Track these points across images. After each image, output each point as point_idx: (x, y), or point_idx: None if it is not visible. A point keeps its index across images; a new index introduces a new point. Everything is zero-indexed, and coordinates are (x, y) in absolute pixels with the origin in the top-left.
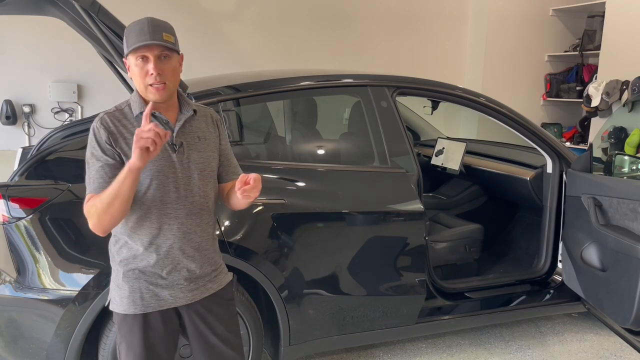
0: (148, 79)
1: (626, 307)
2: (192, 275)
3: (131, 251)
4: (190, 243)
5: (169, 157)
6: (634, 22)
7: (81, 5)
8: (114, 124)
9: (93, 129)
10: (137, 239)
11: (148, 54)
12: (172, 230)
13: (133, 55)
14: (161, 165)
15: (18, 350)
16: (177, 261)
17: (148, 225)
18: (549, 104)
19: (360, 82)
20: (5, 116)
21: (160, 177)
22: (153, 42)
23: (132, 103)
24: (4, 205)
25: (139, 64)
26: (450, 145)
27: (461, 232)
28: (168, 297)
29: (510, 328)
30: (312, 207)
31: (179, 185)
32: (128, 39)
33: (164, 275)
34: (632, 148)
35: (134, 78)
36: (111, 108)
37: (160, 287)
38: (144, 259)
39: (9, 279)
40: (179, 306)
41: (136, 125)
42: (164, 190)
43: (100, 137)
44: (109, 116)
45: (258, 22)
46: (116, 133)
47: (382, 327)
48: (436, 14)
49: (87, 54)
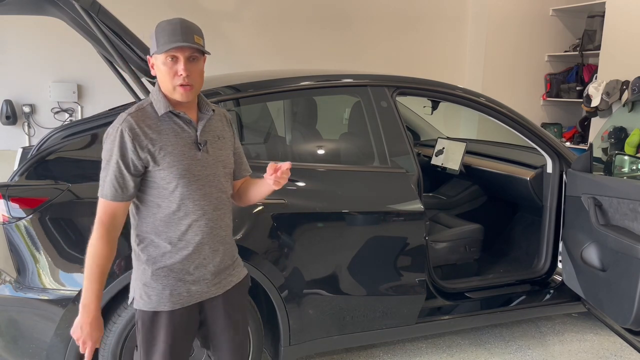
0: (177, 79)
1: (626, 307)
2: (217, 269)
3: (158, 249)
4: (216, 237)
5: (195, 155)
6: (634, 22)
7: (81, 5)
8: (138, 125)
9: (119, 131)
10: (165, 237)
11: (179, 54)
12: (200, 226)
13: (163, 54)
14: (188, 164)
15: (18, 350)
16: (204, 256)
17: (176, 222)
18: (549, 104)
19: (360, 82)
20: (5, 116)
21: (188, 176)
22: (186, 43)
23: (154, 102)
24: (4, 205)
25: (168, 64)
26: (450, 145)
27: (461, 232)
28: (195, 292)
29: (510, 328)
30: (312, 207)
31: (205, 182)
32: (159, 38)
33: (191, 271)
34: (632, 148)
35: (160, 77)
36: (132, 108)
37: (188, 283)
38: (172, 257)
39: (9, 279)
40: (203, 300)
41: (160, 125)
42: (191, 188)
43: (124, 142)
44: (133, 116)
45: (258, 22)
46: (141, 135)
47: (382, 327)
48: (436, 14)
49: (87, 54)
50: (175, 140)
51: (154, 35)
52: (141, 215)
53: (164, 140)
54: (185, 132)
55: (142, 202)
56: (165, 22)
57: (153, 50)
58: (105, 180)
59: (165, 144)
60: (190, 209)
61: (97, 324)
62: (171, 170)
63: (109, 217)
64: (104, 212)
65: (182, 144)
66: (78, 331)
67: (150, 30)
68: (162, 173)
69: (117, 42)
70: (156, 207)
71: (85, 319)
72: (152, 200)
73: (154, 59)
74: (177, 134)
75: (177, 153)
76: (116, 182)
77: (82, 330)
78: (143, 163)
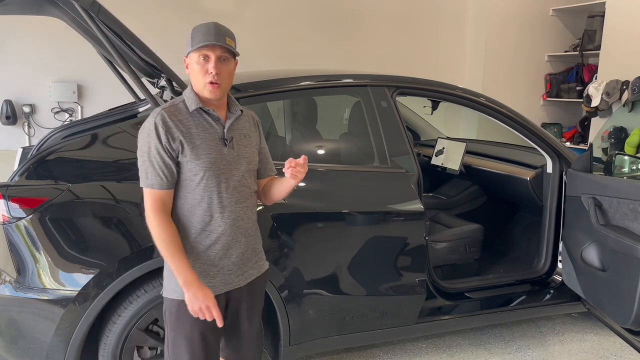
0: (207, 77)
1: (626, 307)
2: (240, 260)
3: (184, 239)
4: (239, 229)
5: (221, 150)
6: (634, 22)
7: (81, 5)
8: (170, 118)
9: (153, 124)
10: (190, 227)
11: (210, 53)
12: (223, 218)
13: (196, 53)
14: (214, 158)
15: (18, 350)
16: (228, 247)
17: (201, 213)
18: (549, 104)
19: (360, 82)
20: (5, 116)
21: (213, 169)
22: (217, 43)
23: (186, 99)
24: (4, 205)
25: (201, 62)
26: (450, 145)
27: (461, 232)
28: (218, 283)
29: (510, 328)
30: (312, 207)
31: (229, 176)
32: (193, 39)
33: (215, 262)
34: (632, 148)
35: (192, 75)
36: (167, 103)
37: (212, 273)
38: (197, 247)
39: (9, 279)
40: (227, 291)
41: (190, 120)
42: (216, 180)
43: (160, 134)
44: (166, 111)
45: (258, 22)
46: (173, 127)
47: (382, 327)
48: (436, 14)
49: (87, 54)
50: (203, 134)
51: (189, 37)
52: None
53: (193, 134)
54: (213, 128)
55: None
56: (201, 25)
57: (188, 50)
58: (148, 171)
59: (194, 138)
60: (214, 201)
61: (205, 289)
62: (197, 162)
63: (160, 204)
64: (153, 201)
65: (210, 139)
66: (195, 302)
67: (150, 30)
68: (190, 165)
69: (117, 42)
70: (182, 199)
71: (194, 288)
72: (179, 191)
73: (189, 59)
74: (205, 129)
75: (204, 147)
76: (160, 170)
77: (198, 299)
78: (175, 153)
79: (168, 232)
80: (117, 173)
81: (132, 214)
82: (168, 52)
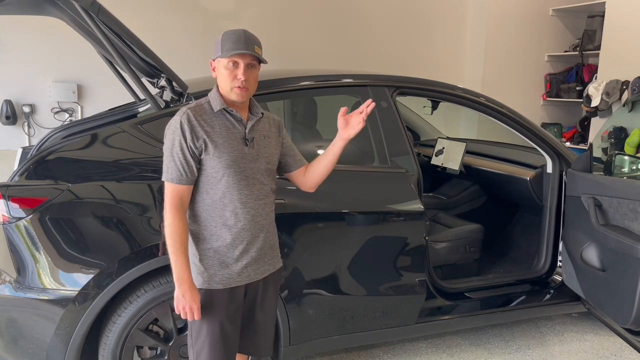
0: (235, 82)
1: (626, 307)
2: (258, 254)
3: (205, 232)
4: (257, 225)
5: (242, 149)
6: (634, 22)
7: (81, 5)
8: (195, 117)
9: (179, 122)
10: (211, 222)
11: (240, 60)
12: (242, 214)
13: (227, 59)
14: (235, 156)
15: (18, 350)
16: (247, 241)
17: (221, 209)
18: (549, 104)
19: (360, 82)
20: (5, 116)
21: (234, 167)
22: (247, 51)
23: (211, 100)
24: (4, 205)
25: (230, 68)
26: (450, 145)
27: (461, 232)
28: (236, 276)
29: (510, 328)
30: (312, 207)
31: (249, 174)
32: (224, 44)
33: (235, 256)
34: (632, 148)
35: (220, 78)
36: (192, 103)
37: (230, 266)
38: (217, 240)
39: (9, 279)
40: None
41: (214, 120)
42: (236, 178)
43: (185, 132)
44: (192, 110)
45: (258, 22)
46: (197, 126)
47: (382, 327)
48: (436, 14)
49: (87, 54)
50: (226, 134)
51: (219, 41)
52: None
53: (216, 132)
54: (235, 129)
55: (193, 188)
56: (231, 31)
57: (217, 55)
58: (169, 166)
59: (217, 137)
60: (234, 197)
61: (195, 290)
62: (220, 160)
63: (178, 198)
64: (172, 195)
65: (232, 138)
66: (182, 300)
67: (150, 30)
68: (212, 162)
69: (117, 42)
70: (204, 194)
71: (185, 288)
72: (201, 187)
73: (217, 62)
74: (228, 129)
75: (227, 145)
76: (181, 166)
77: (185, 298)
78: (199, 151)
79: (178, 227)
80: (117, 173)
81: (132, 214)
82: (168, 52)
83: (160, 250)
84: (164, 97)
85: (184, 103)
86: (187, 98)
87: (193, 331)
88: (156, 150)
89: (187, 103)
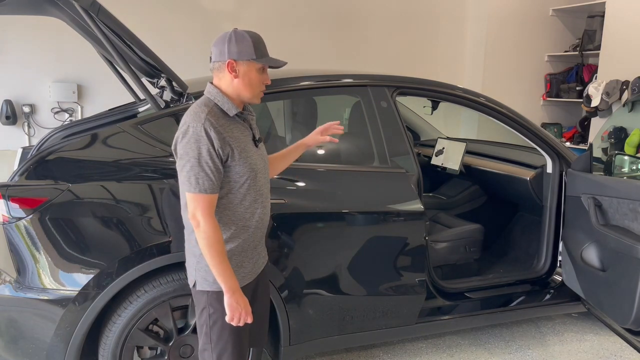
0: (261, 86)
1: (626, 307)
2: (262, 249)
3: (225, 233)
4: (266, 223)
5: (255, 151)
6: (634, 22)
7: (81, 5)
8: (218, 124)
9: (203, 130)
10: (232, 222)
11: (267, 68)
12: (259, 212)
13: (260, 65)
14: (255, 159)
15: (18, 350)
16: (259, 239)
17: (242, 209)
18: (549, 104)
19: (360, 82)
20: (5, 116)
21: (255, 169)
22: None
23: (222, 104)
24: (4, 205)
25: (261, 72)
26: (450, 145)
27: (461, 232)
28: (249, 273)
29: (510, 328)
30: (312, 207)
31: (262, 173)
32: (257, 49)
33: (250, 255)
34: (632, 148)
35: (246, 82)
36: (201, 109)
37: (245, 264)
38: (235, 241)
39: (9, 279)
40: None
41: (232, 125)
42: (255, 179)
43: (211, 139)
44: (211, 117)
45: (258, 23)
46: (222, 132)
47: (382, 327)
48: (436, 14)
49: (87, 54)
50: (243, 138)
51: (249, 44)
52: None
53: (236, 137)
54: (247, 131)
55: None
56: (254, 34)
57: (248, 57)
58: (200, 177)
59: (238, 142)
60: (253, 198)
61: (244, 297)
62: (244, 165)
63: (211, 207)
64: (205, 206)
65: (247, 141)
66: (237, 308)
67: (150, 30)
68: (237, 168)
69: (117, 42)
70: (224, 199)
71: (238, 295)
72: (224, 192)
73: (247, 65)
74: (242, 132)
75: (247, 149)
76: (212, 175)
77: (240, 305)
78: (225, 157)
79: (218, 237)
80: (117, 173)
81: (132, 214)
82: (168, 52)
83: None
84: (164, 97)
85: (183, 103)
86: (187, 98)
87: (213, 334)
88: (156, 150)
89: (187, 103)
